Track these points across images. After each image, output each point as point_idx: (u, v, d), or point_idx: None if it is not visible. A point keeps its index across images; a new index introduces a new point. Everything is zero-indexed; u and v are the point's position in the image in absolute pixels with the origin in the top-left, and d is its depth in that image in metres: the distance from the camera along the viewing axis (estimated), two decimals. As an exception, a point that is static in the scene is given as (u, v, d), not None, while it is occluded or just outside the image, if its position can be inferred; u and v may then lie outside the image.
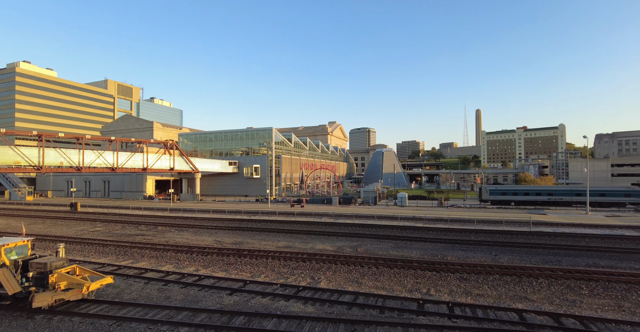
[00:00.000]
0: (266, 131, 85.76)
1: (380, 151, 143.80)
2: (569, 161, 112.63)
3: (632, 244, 28.58)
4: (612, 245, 28.09)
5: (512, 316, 13.86)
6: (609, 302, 15.67)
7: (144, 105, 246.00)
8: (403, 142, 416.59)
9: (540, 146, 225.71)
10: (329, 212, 48.20)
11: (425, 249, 26.70)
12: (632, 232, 33.46)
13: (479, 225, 38.01)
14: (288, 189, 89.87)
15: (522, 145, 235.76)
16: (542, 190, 58.21)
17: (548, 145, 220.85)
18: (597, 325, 13.05)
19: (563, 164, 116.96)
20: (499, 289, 17.46)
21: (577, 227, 36.60)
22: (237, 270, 21.40)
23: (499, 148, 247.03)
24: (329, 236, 32.51)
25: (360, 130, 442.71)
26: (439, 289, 17.55)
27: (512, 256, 24.34)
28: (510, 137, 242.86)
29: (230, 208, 55.68)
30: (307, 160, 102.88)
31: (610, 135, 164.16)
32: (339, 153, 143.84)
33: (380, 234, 32.44)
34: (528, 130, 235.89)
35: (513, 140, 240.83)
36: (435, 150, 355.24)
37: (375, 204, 62.66)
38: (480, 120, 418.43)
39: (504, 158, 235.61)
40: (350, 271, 20.60)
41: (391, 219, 42.80)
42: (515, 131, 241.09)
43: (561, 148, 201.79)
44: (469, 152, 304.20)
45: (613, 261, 22.96)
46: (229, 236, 33.14)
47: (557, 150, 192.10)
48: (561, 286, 17.72)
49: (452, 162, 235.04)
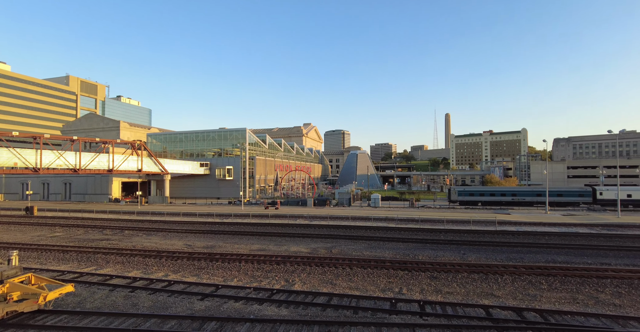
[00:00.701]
0: (239, 132, 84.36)
1: (354, 153, 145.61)
2: (531, 164, 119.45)
3: (584, 240, 30.70)
4: (568, 242, 30.02)
5: (480, 312, 14.43)
6: (565, 296, 16.72)
7: (109, 103, 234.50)
8: (376, 145, 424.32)
9: (504, 149, 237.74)
10: (304, 214, 48.11)
11: (397, 249, 27.27)
12: (585, 230, 35.96)
13: (448, 225, 39.38)
14: (262, 191, 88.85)
15: (488, 148, 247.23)
16: (506, 191, 61.29)
17: (512, 149, 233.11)
18: (555, 317, 13.87)
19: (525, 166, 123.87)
20: (467, 287, 18.13)
21: (537, 225, 38.81)
22: (209, 274, 20.83)
23: (466, 151, 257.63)
24: (303, 237, 32.42)
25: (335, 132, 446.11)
26: (410, 288, 17.97)
27: (479, 254, 25.40)
28: (477, 141, 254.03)
29: (202, 211, 54.20)
30: (281, 161, 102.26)
31: (566, 140, 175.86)
32: (314, 155, 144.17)
33: (355, 235, 32.78)
34: (494, 134, 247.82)
35: (480, 143, 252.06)
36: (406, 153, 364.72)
37: (350, 205, 63.31)
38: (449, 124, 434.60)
39: (472, 160, 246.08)
40: (325, 273, 20.65)
41: (365, 220, 43.39)
42: (482, 135, 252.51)
43: (523, 151, 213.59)
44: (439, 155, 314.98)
45: (569, 257, 24.54)
46: (200, 240, 32.23)
47: (520, 153, 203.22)
48: (524, 282, 18.69)
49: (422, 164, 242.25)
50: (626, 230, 36.09)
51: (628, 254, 25.33)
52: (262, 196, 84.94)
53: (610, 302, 15.89)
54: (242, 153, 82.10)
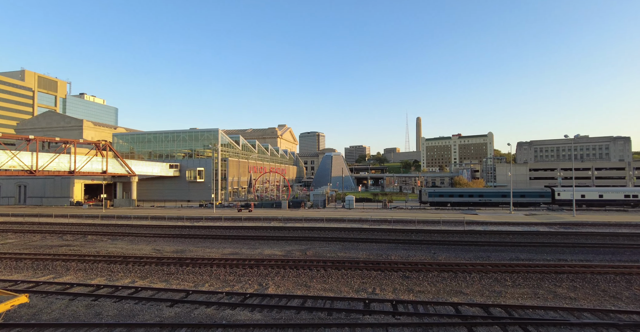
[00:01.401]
0: (212, 133, 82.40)
1: (329, 155, 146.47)
2: (496, 166, 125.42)
3: (545, 238, 32.62)
4: (530, 240, 31.76)
5: (449, 310, 14.91)
6: (527, 291, 17.64)
7: (71, 101, 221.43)
8: (351, 147, 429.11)
9: (472, 152, 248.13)
10: (278, 217, 47.72)
11: (371, 250, 27.65)
12: (545, 228, 38.21)
13: (420, 225, 40.47)
14: (235, 193, 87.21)
15: (457, 151, 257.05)
16: (474, 192, 63.92)
17: (479, 152, 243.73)
18: (518, 312, 14.60)
19: (491, 169, 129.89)
20: (438, 285, 18.69)
21: (503, 225, 40.74)
22: (179, 280, 20.12)
23: (436, 153, 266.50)
24: (277, 240, 32.12)
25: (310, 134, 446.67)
26: (383, 288, 18.26)
27: (449, 254, 26.28)
28: (446, 144, 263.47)
29: (171, 214, 52.34)
30: (255, 163, 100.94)
31: (528, 143, 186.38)
32: (289, 156, 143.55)
33: (329, 237, 32.89)
34: (462, 137, 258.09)
35: (449, 146, 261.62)
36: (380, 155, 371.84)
37: (324, 207, 63.51)
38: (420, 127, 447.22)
39: (441, 163, 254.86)
40: (299, 275, 20.54)
41: (339, 222, 43.67)
42: (451, 138, 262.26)
43: (490, 154, 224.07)
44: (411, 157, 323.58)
45: (531, 254, 25.96)
46: (170, 244, 31.08)
47: (486, 156, 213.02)
48: (490, 279, 19.53)
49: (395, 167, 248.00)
50: (580, 228, 38.69)
51: (582, 251, 27.15)
52: (235, 199, 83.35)
53: (567, 295, 16.94)
54: (214, 154, 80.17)
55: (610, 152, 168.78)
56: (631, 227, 39.05)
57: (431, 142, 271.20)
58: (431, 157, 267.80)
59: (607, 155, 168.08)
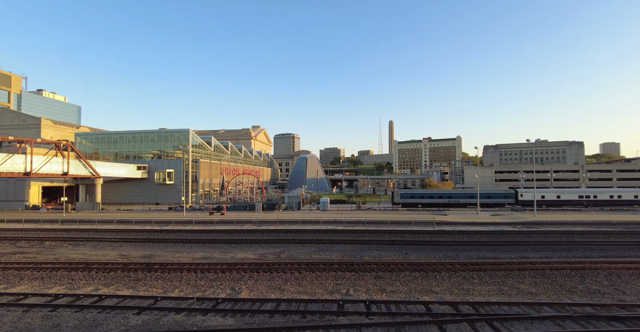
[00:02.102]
0: (182, 133, 79.86)
1: (304, 157, 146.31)
2: (464, 168, 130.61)
3: (509, 237, 34.31)
4: (496, 239, 33.29)
5: (421, 308, 15.29)
6: (493, 288, 18.45)
7: (28, 98, 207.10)
8: (326, 149, 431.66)
9: (442, 155, 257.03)
10: (252, 219, 47.01)
11: (345, 251, 27.86)
12: (509, 228, 40.22)
13: (392, 226, 41.31)
14: (207, 196, 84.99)
15: (427, 153, 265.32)
16: (443, 193, 66.16)
17: (448, 154, 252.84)
18: (485, 308, 15.23)
19: (460, 171, 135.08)
20: (410, 285, 19.12)
21: (470, 225, 42.44)
22: (147, 286, 19.27)
23: (408, 156, 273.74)
24: (251, 243, 31.62)
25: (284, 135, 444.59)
26: (357, 289, 18.44)
27: (420, 253, 26.99)
28: (417, 147, 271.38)
29: (139, 218, 50.15)
30: (228, 165, 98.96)
31: (494, 147, 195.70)
32: (263, 158, 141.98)
33: (304, 239, 32.80)
34: (432, 140, 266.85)
35: (420, 149, 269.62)
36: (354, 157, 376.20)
37: (299, 209, 63.30)
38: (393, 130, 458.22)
39: (413, 165, 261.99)
40: (273, 278, 20.31)
41: (314, 224, 43.68)
42: (421, 141, 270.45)
43: (458, 157, 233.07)
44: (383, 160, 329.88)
45: (496, 253, 27.21)
46: (137, 249, 29.74)
47: (455, 158, 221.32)
48: (459, 278, 20.24)
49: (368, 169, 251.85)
50: (541, 227, 41.07)
51: (542, 248, 28.83)
52: (206, 201, 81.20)
53: (529, 291, 17.89)
54: (185, 155, 77.78)
55: (567, 155, 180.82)
56: (584, 225, 41.94)
57: (403, 145, 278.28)
58: (403, 159, 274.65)
59: (564, 159, 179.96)
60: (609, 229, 38.20)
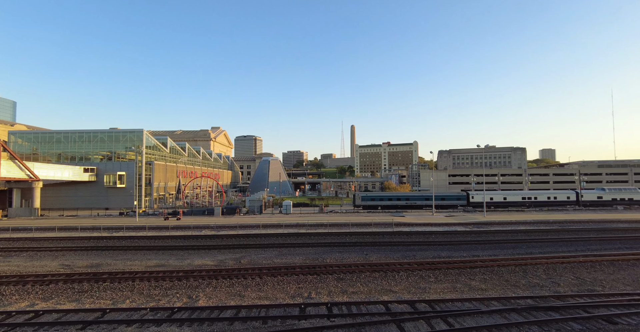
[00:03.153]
0: (135, 133, 75.31)
1: (266, 160, 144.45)
2: (420, 172, 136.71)
3: (461, 237, 36.42)
4: (450, 239, 35.17)
5: (380, 308, 15.67)
6: (447, 286, 19.44)
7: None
8: (289, 152, 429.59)
9: (400, 159, 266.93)
10: (210, 224, 45.40)
11: (307, 254, 27.84)
12: (462, 228, 42.69)
13: (354, 228, 42.06)
14: (162, 200, 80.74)
15: (386, 157, 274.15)
16: (401, 196, 68.72)
17: (406, 158, 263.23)
18: (440, 305, 15.99)
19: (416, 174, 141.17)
20: (370, 285, 19.55)
21: (426, 226, 44.41)
22: (94, 298, 17.81)
23: (369, 160, 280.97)
24: (209, 249, 30.50)
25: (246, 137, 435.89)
26: (319, 292, 18.49)
27: (379, 254, 27.73)
28: (377, 151, 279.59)
29: (85, 224, 46.33)
30: (185, 167, 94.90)
31: (447, 152, 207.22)
32: (223, 160, 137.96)
33: (265, 243, 32.29)
34: (391, 145, 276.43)
35: (380, 153, 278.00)
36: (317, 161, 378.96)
37: (261, 213, 62.27)
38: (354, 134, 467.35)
39: (373, 168, 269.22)
40: (233, 285, 19.74)
41: (276, 227, 43.20)
42: (381, 146, 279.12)
43: (415, 161, 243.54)
44: (346, 163, 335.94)
45: (450, 252, 28.73)
46: (83, 258, 27.42)
47: (412, 162, 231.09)
48: (416, 277, 21.07)
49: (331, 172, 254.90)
50: (489, 227, 44.08)
51: (491, 246, 30.94)
52: (161, 206, 77.09)
53: (479, 287, 19.09)
54: (138, 157, 73.33)
55: (512, 160, 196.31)
56: (527, 224, 45.72)
57: (364, 149, 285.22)
58: (364, 163, 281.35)
59: (510, 163, 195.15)
60: (547, 228, 41.99)
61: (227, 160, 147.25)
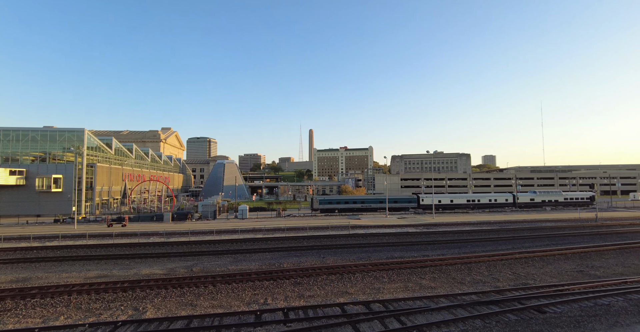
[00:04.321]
0: (75, 133, 68.82)
1: (221, 163, 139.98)
2: (375, 176, 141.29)
3: (413, 238, 38.19)
4: (402, 240, 36.68)
5: (337, 310, 15.86)
6: (400, 285, 20.24)
7: None
8: (245, 155, 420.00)
9: (356, 163, 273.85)
10: (159, 231, 42.83)
11: (264, 260, 27.37)
12: (413, 229, 44.77)
13: (311, 231, 42.20)
14: (105, 205, 74.56)
15: (343, 162, 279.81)
16: (357, 199, 70.48)
17: (362, 163, 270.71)
18: (393, 304, 16.59)
19: (371, 178, 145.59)
20: (326, 288, 19.72)
21: (380, 228, 45.93)
22: (19, 317, 15.87)
23: (327, 164, 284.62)
24: (158, 257, 28.74)
25: (199, 139, 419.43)
26: (275, 297, 18.25)
27: (336, 257, 28.10)
28: (335, 155, 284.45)
29: (11, 233, 41.30)
30: (132, 170, 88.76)
31: (400, 157, 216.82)
32: (174, 163, 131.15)
33: (220, 250, 31.18)
34: (348, 150, 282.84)
35: (337, 157, 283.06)
36: (275, 164, 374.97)
37: (215, 219, 60.06)
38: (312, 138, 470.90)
39: (331, 172, 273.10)
40: (184, 294, 18.77)
41: (231, 233, 41.93)
42: (338, 150, 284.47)
43: (370, 165, 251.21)
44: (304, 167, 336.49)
45: (402, 252, 29.97)
46: (6, 273, 24.35)
47: (367, 167, 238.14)
48: (371, 278, 21.66)
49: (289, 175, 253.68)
50: (438, 227, 46.74)
51: (440, 246, 32.82)
52: (104, 212, 71.16)
53: (429, 285, 20.13)
54: (78, 159, 67.07)
55: (458, 165, 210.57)
56: (471, 225, 49.22)
57: (322, 153, 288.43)
58: (322, 167, 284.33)
59: (456, 168, 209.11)
60: (489, 228, 45.57)
61: (178, 163, 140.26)
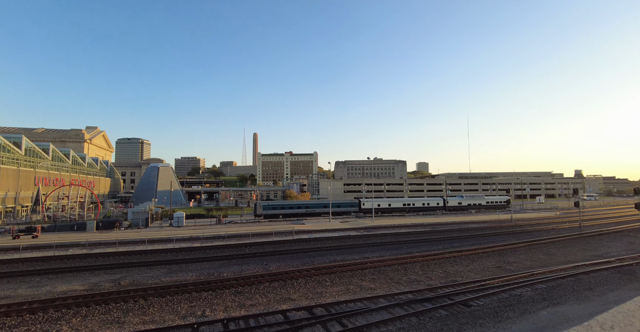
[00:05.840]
0: (-27, 130, 58.61)
1: (155, 166, 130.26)
2: (320, 181, 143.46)
3: (354, 241, 39.37)
4: (344, 243, 37.59)
5: (279, 318, 15.60)
6: (342, 288, 20.66)
7: None
8: (182, 158, 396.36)
9: (301, 168, 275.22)
10: (81, 242, 38.19)
11: (202, 270, 25.92)
12: (355, 233, 46.21)
13: (254, 238, 41.15)
14: (10, 214, 64.37)
15: (288, 167, 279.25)
16: (301, 204, 70.71)
17: (307, 168, 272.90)
18: (335, 308, 16.85)
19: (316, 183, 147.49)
20: (269, 295, 19.32)
21: (324, 232, 46.56)
22: None
23: (271, 168, 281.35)
24: (78, 272, 25.56)
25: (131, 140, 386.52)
26: (214, 308, 17.36)
27: (279, 263, 27.73)
28: (280, 160, 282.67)
29: None
30: (48, 173, 78.19)
31: (343, 162, 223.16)
32: (100, 166, 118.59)
33: (152, 261, 28.79)
34: (293, 154, 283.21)
35: (282, 162, 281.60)
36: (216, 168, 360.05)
37: (147, 227, 55.42)
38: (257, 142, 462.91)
39: (275, 177, 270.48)
40: (110, 311, 16.91)
41: (166, 242, 39.05)
42: (283, 155, 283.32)
43: (315, 171, 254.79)
44: (247, 171, 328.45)
45: (344, 255, 30.69)
46: None
47: (312, 172, 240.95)
48: (314, 282, 21.76)
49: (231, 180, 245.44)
50: (377, 230, 48.87)
51: (379, 248, 34.29)
52: (9, 221, 61.35)
53: (369, 287, 20.86)
54: (-24, 160, 57.12)
55: (395, 171, 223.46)
56: (407, 227, 52.38)
57: (267, 157, 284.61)
58: (266, 171, 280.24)
59: (393, 174, 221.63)
60: (422, 230, 48.92)
61: (105, 165, 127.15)
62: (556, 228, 49.47)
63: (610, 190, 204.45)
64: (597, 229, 47.36)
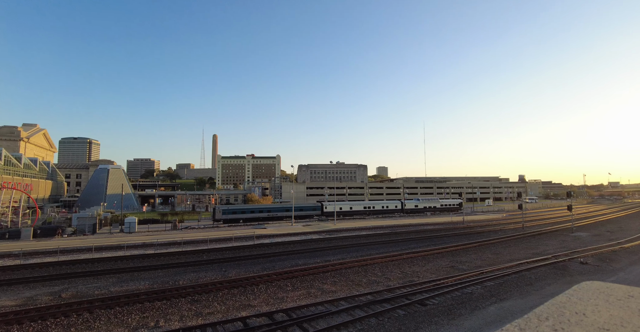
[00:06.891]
0: None
1: (104, 168, 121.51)
2: (282, 184, 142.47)
3: (316, 244, 39.47)
4: (306, 247, 37.54)
5: (238, 325, 15.16)
6: (303, 292, 20.57)
7: None
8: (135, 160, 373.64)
9: (263, 171, 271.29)
10: (14, 251, 34.41)
11: (155, 278, 24.49)
12: (317, 236, 46.34)
13: (212, 244, 39.70)
14: None
15: (250, 170, 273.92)
16: (263, 208, 69.59)
17: (269, 171, 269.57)
18: (297, 312, 16.73)
19: (278, 187, 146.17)
20: (228, 303, 18.71)
21: (286, 236, 46.16)
22: None
23: (232, 171, 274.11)
24: (10, 285, 22.97)
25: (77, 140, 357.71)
26: (169, 318, 16.46)
27: (239, 269, 27.00)
28: (241, 163, 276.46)
29: None
30: (-24, 176, 69.61)
31: (306, 166, 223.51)
32: (40, 167, 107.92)
33: (99, 270, 26.68)
34: (255, 157, 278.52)
35: (243, 165, 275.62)
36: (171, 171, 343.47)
37: (95, 233, 51.34)
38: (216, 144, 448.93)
39: (236, 180, 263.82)
40: (47, 327, 15.38)
41: (115, 250, 36.41)
42: (245, 157, 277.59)
43: (277, 174, 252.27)
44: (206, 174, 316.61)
45: (306, 259, 30.63)
46: None
47: (274, 175, 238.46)
48: (275, 288, 21.45)
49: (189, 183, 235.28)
50: (339, 233, 49.43)
51: (340, 251, 34.67)
52: None
53: (330, 290, 20.99)
54: None
55: (357, 175, 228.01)
56: (367, 230, 53.56)
57: (227, 160, 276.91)
58: (227, 175, 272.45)
59: (355, 178, 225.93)
60: (382, 232, 50.29)
61: (46, 167, 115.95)
62: (503, 229, 53.36)
63: (548, 193, 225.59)
64: (537, 229, 51.83)
